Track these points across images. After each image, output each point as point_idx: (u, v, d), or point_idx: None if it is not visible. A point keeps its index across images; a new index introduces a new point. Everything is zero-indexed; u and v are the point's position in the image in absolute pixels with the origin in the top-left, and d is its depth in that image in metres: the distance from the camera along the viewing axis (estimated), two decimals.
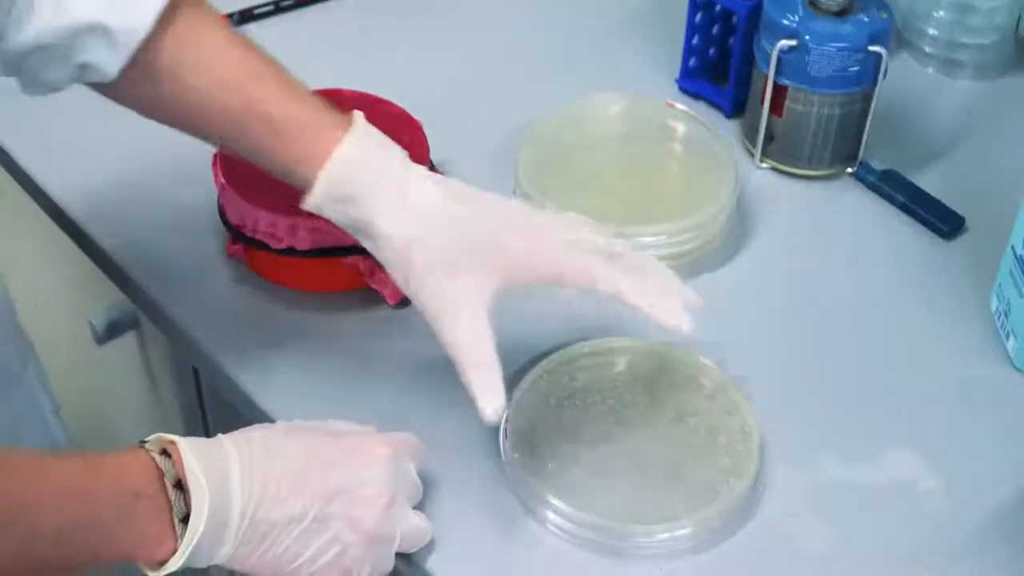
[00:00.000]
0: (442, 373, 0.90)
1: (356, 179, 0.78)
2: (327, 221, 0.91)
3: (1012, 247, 0.92)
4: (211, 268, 0.98)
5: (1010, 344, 0.92)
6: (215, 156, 0.97)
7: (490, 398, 0.75)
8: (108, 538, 0.66)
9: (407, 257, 0.77)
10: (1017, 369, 0.92)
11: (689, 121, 1.06)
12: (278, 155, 0.79)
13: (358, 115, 0.80)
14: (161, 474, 0.67)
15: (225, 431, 1.11)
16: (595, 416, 0.85)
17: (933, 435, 0.87)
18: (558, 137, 1.05)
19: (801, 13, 1.01)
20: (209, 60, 0.79)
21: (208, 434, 1.13)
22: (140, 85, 0.80)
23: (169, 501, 0.67)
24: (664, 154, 1.07)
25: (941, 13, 1.18)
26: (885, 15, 1.02)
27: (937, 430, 0.88)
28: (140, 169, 1.06)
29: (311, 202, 0.79)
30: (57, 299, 1.27)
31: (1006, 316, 0.93)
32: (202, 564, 0.69)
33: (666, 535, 0.79)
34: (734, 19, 1.10)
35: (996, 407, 0.90)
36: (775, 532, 0.81)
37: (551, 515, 0.80)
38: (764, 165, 1.08)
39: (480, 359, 0.76)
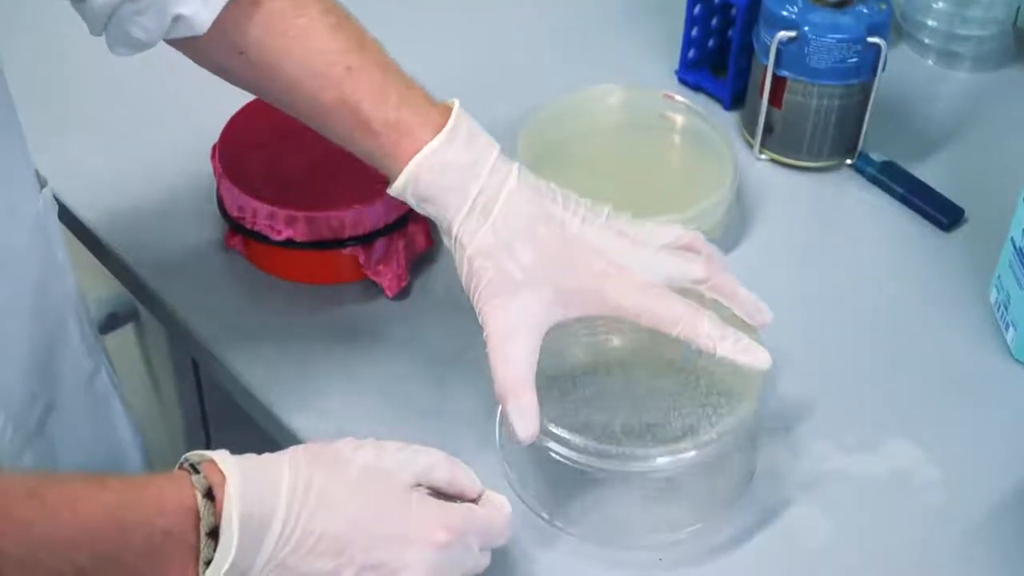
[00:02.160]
0: (440, 364, 0.90)
1: (436, 183, 0.77)
2: (325, 213, 0.92)
3: (1012, 238, 0.92)
4: (210, 260, 0.98)
5: (1009, 335, 0.92)
6: (214, 148, 0.97)
7: (525, 424, 0.76)
8: (130, 572, 0.64)
9: (475, 267, 0.77)
10: (1016, 360, 0.92)
11: (688, 112, 1.06)
12: (363, 148, 0.80)
13: (454, 112, 0.79)
14: (198, 518, 0.65)
15: (223, 423, 1.11)
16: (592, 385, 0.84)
17: (932, 426, 0.87)
18: (557, 127, 1.05)
19: (800, 4, 1.01)
20: (303, 49, 0.79)
21: (206, 426, 1.14)
22: (230, 56, 0.80)
23: (199, 543, 0.65)
24: (663, 146, 1.07)
25: (940, 5, 1.18)
26: (884, 7, 1.02)
27: (936, 421, 0.88)
28: (139, 160, 1.06)
29: (392, 192, 0.79)
30: None
31: (1005, 307, 0.93)
32: None
33: (669, 458, 0.77)
34: (733, 11, 1.10)
35: (995, 398, 0.90)
36: (773, 522, 0.81)
37: (552, 444, 0.78)
38: (763, 156, 1.08)
39: (519, 384, 0.76)
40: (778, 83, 1.03)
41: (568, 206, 0.79)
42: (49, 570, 0.62)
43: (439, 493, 0.73)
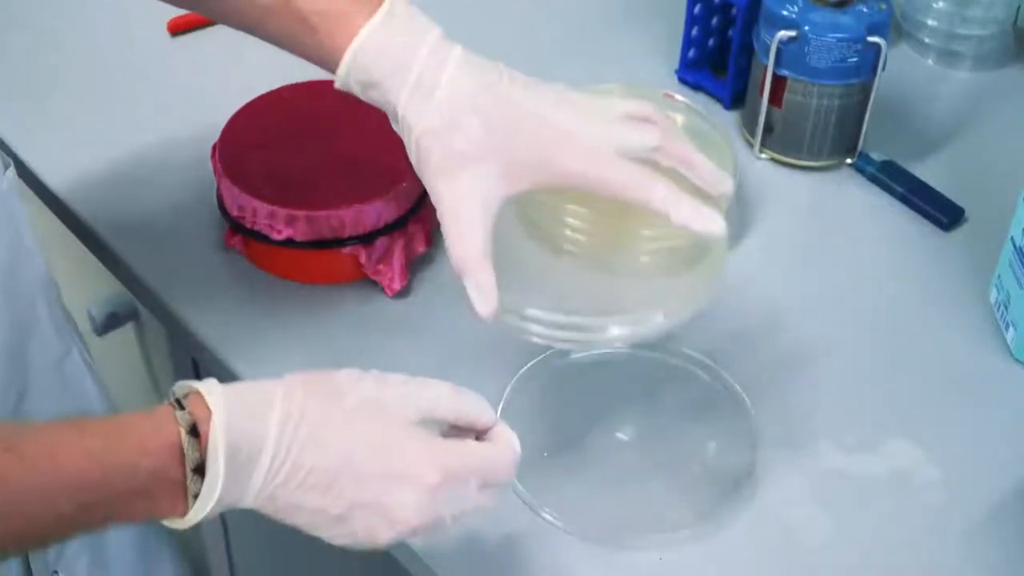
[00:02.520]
0: (441, 363, 0.90)
1: (375, 66, 0.76)
2: (325, 213, 0.92)
3: (1012, 238, 0.92)
4: (210, 259, 0.98)
5: (1009, 335, 0.92)
6: (214, 147, 0.97)
7: (483, 299, 0.74)
8: (116, 513, 0.64)
9: (423, 147, 0.76)
10: (1016, 360, 0.92)
11: (688, 112, 1.06)
12: (308, 48, 0.79)
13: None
14: (183, 455, 0.64)
15: None
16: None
17: (932, 426, 0.87)
18: None
19: (800, 4, 1.01)
20: None
21: None
22: None
23: (185, 479, 0.64)
24: None
25: (940, 4, 1.18)
26: (884, 6, 1.02)
27: (936, 421, 0.88)
28: (139, 160, 1.06)
29: (338, 86, 0.79)
30: None
31: (1005, 307, 0.93)
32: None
33: (624, 329, 0.76)
34: (733, 10, 1.10)
35: (995, 398, 0.90)
36: (773, 521, 0.82)
37: (534, 327, 0.77)
38: (763, 156, 1.08)
39: (475, 261, 0.74)
40: (778, 83, 1.03)
41: (516, 80, 0.78)
42: (30, 518, 0.61)
43: (456, 428, 0.71)
